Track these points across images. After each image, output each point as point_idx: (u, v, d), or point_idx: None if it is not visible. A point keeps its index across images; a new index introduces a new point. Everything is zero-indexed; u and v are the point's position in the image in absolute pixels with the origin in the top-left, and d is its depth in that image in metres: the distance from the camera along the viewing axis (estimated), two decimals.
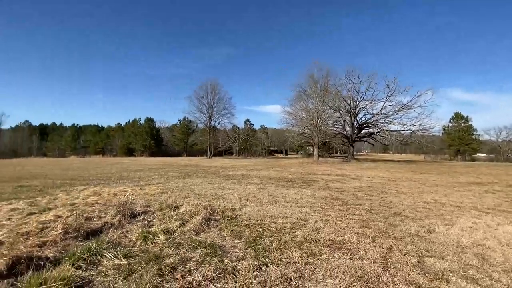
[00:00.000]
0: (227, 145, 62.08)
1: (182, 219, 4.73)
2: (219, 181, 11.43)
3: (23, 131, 79.35)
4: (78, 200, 6.82)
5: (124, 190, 8.35)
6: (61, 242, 3.60)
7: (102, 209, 5.59)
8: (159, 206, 5.83)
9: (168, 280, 2.71)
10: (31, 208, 5.87)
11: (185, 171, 17.04)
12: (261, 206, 6.43)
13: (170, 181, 11.32)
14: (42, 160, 45.13)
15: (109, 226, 4.35)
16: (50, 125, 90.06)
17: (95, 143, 78.10)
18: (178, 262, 3.10)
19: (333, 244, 3.89)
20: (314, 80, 35.13)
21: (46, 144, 78.46)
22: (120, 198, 6.80)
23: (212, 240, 3.95)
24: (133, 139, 73.71)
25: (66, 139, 78.12)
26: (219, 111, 54.11)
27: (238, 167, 22.46)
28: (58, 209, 5.69)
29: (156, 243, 3.72)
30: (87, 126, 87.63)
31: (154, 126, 78.10)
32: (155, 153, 71.88)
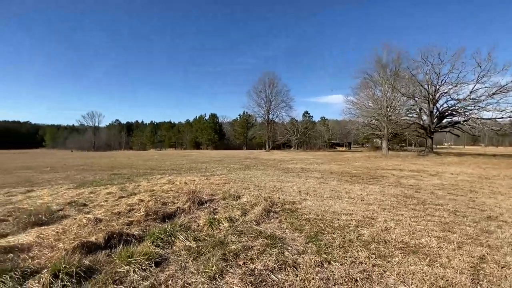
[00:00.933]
0: (285, 138, 61.97)
1: (243, 209, 4.91)
2: (278, 174, 11.49)
3: (114, 128, 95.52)
4: (156, 187, 7.81)
5: (193, 180, 9.18)
6: (143, 223, 4.18)
7: (175, 195, 6.27)
8: (223, 195, 6.20)
9: (231, 266, 2.84)
10: (122, 193, 6.99)
11: (245, 164, 17.72)
12: (322, 201, 6.18)
13: (232, 173, 11.94)
14: (128, 153, 53.66)
15: (181, 211, 4.84)
16: (134, 123, 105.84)
17: (169, 138, 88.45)
18: (240, 249, 3.22)
19: (406, 247, 3.45)
20: (382, 65, 31.70)
21: (132, 139, 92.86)
22: (189, 186, 7.51)
23: (272, 232, 3.98)
24: (200, 133, 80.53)
25: (146, 134, 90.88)
26: (277, 104, 54.15)
27: (296, 160, 22.19)
28: (141, 194, 6.63)
29: (220, 230, 3.95)
30: (162, 123, 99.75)
31: (217, 121, 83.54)
32: (218, 146, 77.02)
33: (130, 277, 2.57)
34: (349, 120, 41.78)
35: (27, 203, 6.05)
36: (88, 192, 7.06)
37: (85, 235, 3.48)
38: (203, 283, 2.49)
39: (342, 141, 75.07)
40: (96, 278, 2.53)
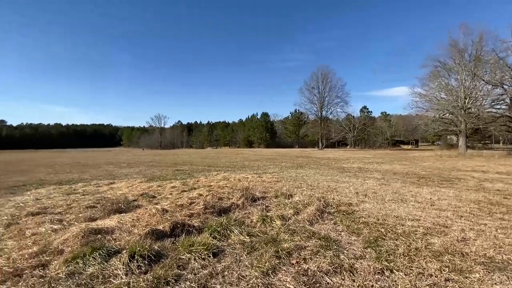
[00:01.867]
0: (340, 136, 58.82)
1: (296, 208, 4.86)
2: (332, 173, 11.01)
3: (177, 128, 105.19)
4: (213, 183, 8.33)
5: (246, 177, 9.49)
6: (202, 215, 4.51)
7: (230, 191, 6.58)
8: (275, 193, 6.25)
9: (284, 264, 2.84)
10: (184, 187, 7.67)
11: (297, 162, 17.48)
12: (383, 204, 5.68)
13: (283, 171, 11.93)
14: (189, 151, 58.47)
15: (235, 207, 5.06)
16: (193, 123, 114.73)
17: (224, 137, 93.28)
18: (293, 248, 3.20)
19: (490, 263, 2.91)
20: (458, 50, 27.32)
21: (191, 138, 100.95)
22: (243, 183, 7.79)
23: (327, 233, 3.83)
24: (252, 132, 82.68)
25: (204, 134, 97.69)
26: (331, 100, 51.86)
27: (353, 159, 20.86)
28: (200, 189, 7.16)
29: (273, 227, 3.99)
30: (218, 123, 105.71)
31: (269, 120, 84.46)
32: (270, 144, 77.79)
33: (191, 264, 2.81)
34: (416, 115, 37.37)
35: (110, 193, 7.16)
36: (156, 186, 7.96)
37: (154, 223, 3.93)
38: (256, 277, 2.55)
39: (407, 138, 67.59)
40: (163, 262, 2.84)
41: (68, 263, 2.77)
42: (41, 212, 4.98)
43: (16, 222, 4.42)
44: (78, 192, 7.36)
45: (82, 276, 2.59)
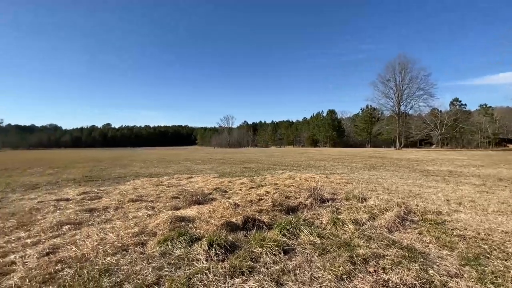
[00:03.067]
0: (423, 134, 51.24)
1: (371, 213, 4.47)
2: (414, 177, 9.68)
3: (243, 128, 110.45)
4: (279, 181, 8.42)
5: (312, 177, 9.25)
6: (271, 212, 4.60)
7: (296, 191, 6.53)
8: (346, 195, 5.88)
9: (360, 270, 2.65)
10: (251, 184, 7.99)
11: (370, 163, 16.04)
12: (484, 215, 4.68)
13: (354, 172, 11.13)
14: (254, 150, 60.65)
15: (303, 206, 4.99)
16: (258, 123, 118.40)
17: (287, 136, 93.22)
18: (370, 256, 2.95)
19: None
20: None
21: (256, 137, 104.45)
22: (310, 183, 7.61)
23: (410, 243, 3.39)
24: (317, 131, 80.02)
25: (268, 133, 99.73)
26: (412, 93, 45.63)
27: (441, 161, 17.88)
28: (267, 186, 7.33)
29: (345, 231, 3.77)
30: (282, 122, 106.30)
31: (336, 118, 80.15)
32: (337, 143, 73.73)
33: (263, 258, 2.90)
34: None
35: (189, 186, 8.03)
36: (227, 182, 8.53)
37: (228, 216, 4.22)
38: (330, 280, 2.46)
39: None
40: (238, 253, 3.01)
41: (161, 244, 3.23)
42: (138, 199, 5.97)
43: (121, 206, 5.42)
44: (164, 184, 8.52)
45: (172, 256, 2.98)
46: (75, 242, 3.44)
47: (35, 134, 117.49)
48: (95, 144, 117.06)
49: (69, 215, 4.63)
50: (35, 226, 4.15)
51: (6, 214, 4.96)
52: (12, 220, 4.54)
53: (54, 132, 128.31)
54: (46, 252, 3.13)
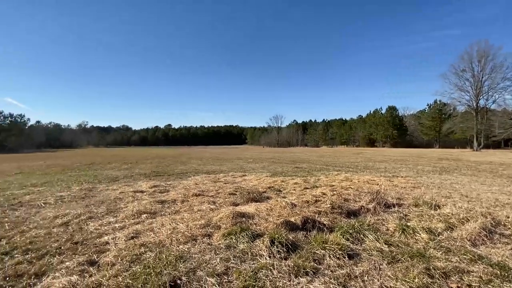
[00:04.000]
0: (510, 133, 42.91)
1: (447, 222, 3.95)
2: (500, 183, 8.21)
3: (292, 127, 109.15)
4: (334, 183, 8.09)
5: (372, 179, 8.63)
6: (330, 214, 4.46)
7: (355, 193, 6.18)
8: (414, 201, 5.33)
9: (440, 285, 2.37)
10: (305, 184, 7.86)
11: (441, 166, 14.17)
12: None
13: (421, 175, 9.98)
14: (304, 149, 59.41)
15: (364, 211, 4.70)
16: (308, 122, 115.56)
17: (340, 135, 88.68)
18: (450, 270, 2.62)
19: None
20: None
21: (306, 136, 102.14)
22: (371, 186, 7.13)
23: (502, 260, 2.89)
24: (374, 129, 74.13)
25: (319, 132, 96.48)
26: (494, 84, 38.66)
27: None
28: (322, 187, 7.12)
29: (417, 240, 3.42)
30: (334, 120, 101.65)
31: (397, 115, 72.98)
32: (398, 143, 67.16)
33: (326, 260, 2.84)
34: None
35: (244, 183, 8.33)
36: (280, 181, 8.57)
37: (286, 215, 4.25)
38: None
39: None
40: (299, 253, 3.01)
41: (225, 237, 3.44)
42: (200, 194, 6.45)
43: (186, 200, 5.93)
44: (221, 181, 9.02)
45: (236, 250, 3.15)
46: (153, 229, 3.90)
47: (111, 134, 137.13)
48: (158, 143, 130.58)
49: (145, 205, 5.27)
50: (120, 213, 4.86)
51: (98, 202, 5.92)
52: (102, 207, 5.39)
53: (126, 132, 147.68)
54: (131, 236, 3.63)
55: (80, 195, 6.70)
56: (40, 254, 3.16)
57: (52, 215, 4.75)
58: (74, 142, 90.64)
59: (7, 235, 3.82)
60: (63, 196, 6.55)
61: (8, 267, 2.85)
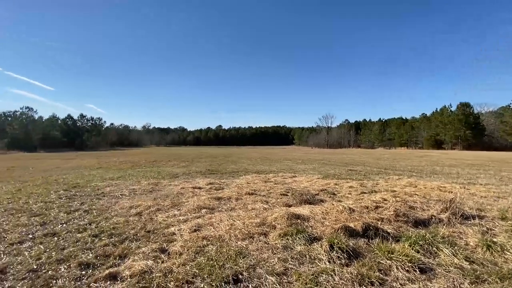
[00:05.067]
0: None
1: None
2: None
3: (344, 127, 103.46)
4: (396, 188, 7.40)
5: (442, 186, 7.63)
6: (394, 222, 4.10)
7: (423, 201, 5.55)
8: (500, 213, 4.53)
9: None
10: (362, 188, 7.38)
11: None
12: None
13: (507, 184, 8.42)
14: (357, 151, 55.86)
15: (436, 221, 4.18)
16: (362, 121, 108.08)
17: (400, 136, 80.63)
18: None
19: None
20: None
21: (359, 137, 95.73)
22: (442, 194, 6.32)
23: None
24: (442, 129, 65.45)
25: (374, 132, 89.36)
26: None
27: None
28: (382, 193, 6.58)
29: (507, 259, 2.90)
30: (392, 120, 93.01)
31: (471, 112, 63.00)
32: (472, 145, 58.06)
33: (394, 272, 2.61)
34: None
35: (294, 185, 8.23)
36: (333, 184, 8.22)
37: (343, 220, 4.05)
38: None
39: None
40: (362, 261, 2.84)
41: (281, 237, 3.45)
42: (253, 193, 6.61)
43: (240, 198, 6.14)
44: (271, 181, 9.09)
45: (293, 251, 3.13)
46: (212, 224, 4.15)
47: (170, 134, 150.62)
48: (210, 143, 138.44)
49: (204, 201, 5.64)
50: (182, 207, 5.30)
51: (163, 195, 6.56)
52: (167, 200, 5.95)
53: (182, 133, 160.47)
54: (194, 229, 3.92)
55: (148, 189, 7.53)
56: (121, 239, 3.65)
57: (128, 205, 5.45)
58: (139, 142, 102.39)
59: (95, 220, 4.52)
60: (135, 189, 7.45)
61: (98, 248, 3.36)
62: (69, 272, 2.75)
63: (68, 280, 2.60)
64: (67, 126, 66.49)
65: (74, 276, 2.67)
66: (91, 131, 71.89)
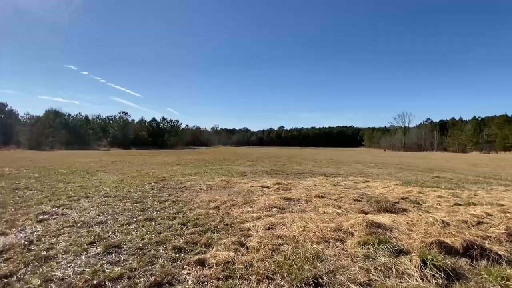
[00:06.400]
0: None
1: None
2: None
3: (425, 127, 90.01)
4: (504, 201, 6.05)
5: None
6: (506, 243, 3.35)
7: None
8: None
9: None
10: (455, 199, 6.29)
11: None
12: None
13: None
14: (442, 154, 47.87)
15: None
16: (450, 120, 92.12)
17: (503, 137, 65.42)
18: None
19: None
20: None
21: (446, 139, 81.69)
22: None
23: None
24: None
25: (467, 133, 74.88)
26: None
27: None
28: (484, 206, 5.48)
29: None
30: (492, 118, 76.44)
31: None
32: None
33: None
34: None
35: (368, 190, 7.61)
36: (417, 192, 7.25)
37: (436, 234, 3.53)
38: None
39: None
40: (466, 284, 2.42)
41: (361, 246, 3.24)
42: (323, 196, 6.40)
43: (310, 200, 6.04)
44: (340, 184, 8.63)
45: (376, 262, 2.90)
46: (285, 224, 4.20)
47: (235, 135, 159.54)
48: (272, 143, 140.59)
49: (274, 200, 5.76)
50: (254, 204, 5.53)
51: (235, 192, 6.98)
52: (240, 197, 6.31)
53: (246, 133, 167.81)
54: (267, 227, 4.05)
55: (221, 185, 8.14)
56: (204, 229, 4.04)
57: (207, 199, 6.01)
58: (209, 141, 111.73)
59: (182, 210, 5.13)
60: (211, 184, 8.16)
61: (186, 235, 3.80)
62: (166, 253, 3.20)
63: (166, 260, 3.02)
64: (152, 127, 77.58)
65: (170, 257, 3.08)
66: (170, 132, 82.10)
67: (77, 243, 3.44)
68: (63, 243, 3.43)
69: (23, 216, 4.61)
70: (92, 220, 4.47)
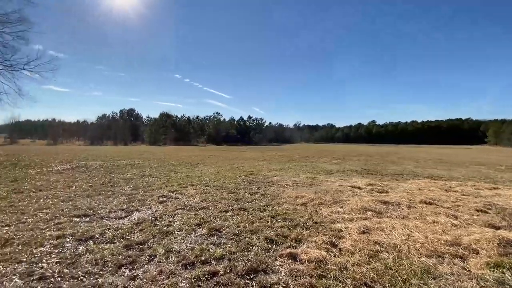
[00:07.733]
0: None
1: None
2: None
3: None
4: None
5: None
6: None
7: None
8: None
9: None
10: None
11: None
12: None
13: None
14: None
15: None
16: None
17: None
18: None
19: None
20: None
21: None
22: None
23: None
24: None
25: None
26: None
27: None
28: None
29: None
30: None
31: None
32: None
33: None
34: None
35: (497, 200, 5.96)
36: None
37: None
38: None
39: None
40: None
41: (492, 268, 2.57)
42: (431, 202, 5.42)
43: (413, 206, 5.21)
44: (455, 190, 7.08)
45: None
46: (383, 229, 3.77)
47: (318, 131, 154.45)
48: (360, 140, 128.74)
49: (368, 202, 5.26)
50: (345, 205, 5.20)
51: (322, 190, 6.76)
52: (327, 196, 6.07)
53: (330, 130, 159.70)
54: (362, 230, 3.73)
55: (307, 182, 8.05)
56: (293, 224, 4.08)
57: (294, 195, 6.06)
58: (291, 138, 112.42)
59: (270, 204, 5.35)
60: (296, 181, 8.19)
61: (277, 228, 3.93)
62: (259, 242, 3.39)
63: (260, 249, 3.20)
64: (240, 125, 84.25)
65: (263, 247, 3.26)
66: (255, 129, 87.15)
67: (187, 223, 4.09)
68: (177, 222, 4.14)
69: (149, 197, 5.83)
70: (197, 205, 5.22)
